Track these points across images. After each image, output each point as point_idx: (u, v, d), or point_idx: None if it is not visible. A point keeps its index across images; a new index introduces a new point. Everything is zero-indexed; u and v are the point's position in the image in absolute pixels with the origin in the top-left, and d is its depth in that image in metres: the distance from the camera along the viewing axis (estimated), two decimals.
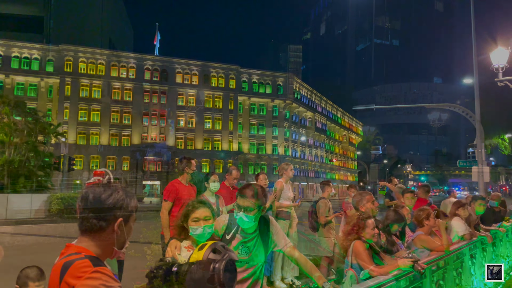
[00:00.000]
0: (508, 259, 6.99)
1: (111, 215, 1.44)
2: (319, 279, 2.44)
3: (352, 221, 3.53)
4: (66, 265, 1.33)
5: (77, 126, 51.99)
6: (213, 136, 58.34)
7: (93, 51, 53.53)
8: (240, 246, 2.62)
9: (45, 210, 18.60)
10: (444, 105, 16.82)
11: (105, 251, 1.46)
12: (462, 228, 5.47)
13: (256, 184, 2.76)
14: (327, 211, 6.62)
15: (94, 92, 53.35)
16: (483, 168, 14.05)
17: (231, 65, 60.62)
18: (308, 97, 74.17)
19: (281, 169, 6.53)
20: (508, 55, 12.49)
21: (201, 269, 1.44)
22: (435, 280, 3.88)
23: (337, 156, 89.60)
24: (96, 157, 52.13)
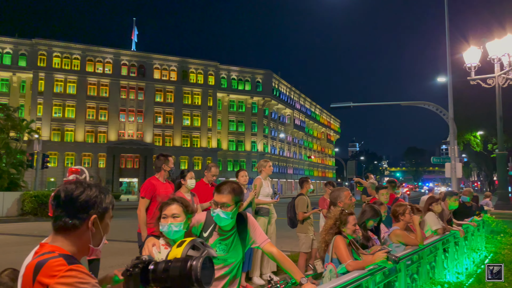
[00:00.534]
0: (479, 253, 7.22)
1: (85, 213, 1.41)
2: (297, 274, 2.46)
3: (335, 215, 3.57)
4: (39, 264, 1.30)
5: (51, 123, 50.68)
6: (192, 133, 57.94)
7: (68, 45, 52.22)
8: (218, 244, 2.61)
9: (18, 208, 18.08)
10: (418, 102, 17.20)
11: (81, 249, 1.43)
12: (435, 223, 5.62)
13: (233, 180, 2.77)
14: (306, 207, 6.68)
15: (68, 88, 52.09)
16: (456, 164, 14.46)
17: (210, 61, 60.24)
18: (287, 94, 74.54)
19: (260, 166, 6.55)
20: (480, 54, 12.87)
21: (179, 267, 1.43)
22: (409, 274, 3.98)
23: (315, 153, 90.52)
24: (71, 154, 50.99)
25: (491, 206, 12.90)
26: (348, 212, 3.55)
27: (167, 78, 57.16)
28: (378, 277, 3.20)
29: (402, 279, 3.65)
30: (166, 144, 55.73)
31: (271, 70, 66.85)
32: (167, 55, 57.71)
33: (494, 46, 12.04)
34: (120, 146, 52.08)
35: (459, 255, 6.13)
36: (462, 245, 6.40)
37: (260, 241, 2.67)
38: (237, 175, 6.18)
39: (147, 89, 55.41)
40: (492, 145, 44.85)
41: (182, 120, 57.45)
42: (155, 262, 1.46)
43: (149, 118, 55.13)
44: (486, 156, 52.45)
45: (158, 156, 5.22)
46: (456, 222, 6.98)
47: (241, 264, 2.72)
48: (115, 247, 10.08)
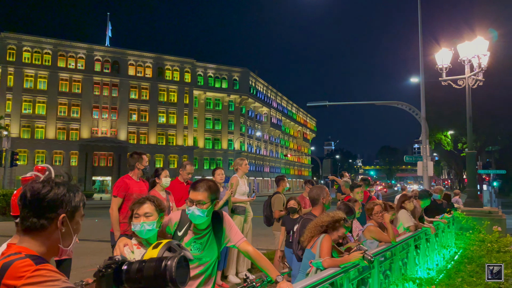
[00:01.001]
0: (449, 249, 7.44)
1: (53, 212, 1.36)
2: (273, 272, 2.46)
3: (333, 217, 3.57)
4: (4, 266, 1.25)
5: (21, 119, 49.05)
6: (168, 130, 57.27)
7: (38, 40, 50.62)
8: (193, 243, 2.59)
9: None
10: (392, 102, 17.56)
11: (50, 250, 1.38)
12: (407, 220, 5.75)
13: (208, 178, 2.75)
14: (282, 206, 6.71)
15: (39, 83, 50.53)
16: (427, 163, 14.84)
17: (186, 58, 59.65)
18: (264, 92, 74.71)
19: (236, 164, 6.53)
20: (451, 56, 13.23)
21: (153, 267, 1.40)
22: (382, 270, 4.05)
23: (292, 151, 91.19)
24: (42, 151, 49.52)
25: (460, 204, 13.31)
26: (346, 226, 3.57)
27: (142, 75, 56.27)
28: (352, 274, 3.25)
29: (375, 276, 3.71)
30: (141, 141, 54.88)
31: (248, 68, 66.85)
32: (142, 51, 56.78)
33: (465, 48, 12.40)
34: (93, 144, 50.95)
35: (430, 251, 6.30)
36: (433, 241, 6.57)
37: (236, 239, 2.66)
38: (214, 174, 6.15)
39: (121, 85, 54.37)
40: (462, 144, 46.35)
41: (157, 118, 56.70)
42: (129, 262, 1.43)
43: (123, 115, 54.14)
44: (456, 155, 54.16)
45: (132, 154, 5.12)
46: (427, 219, 7.16)
47: (217, 263, 2.71)
48: (88, 246, 9.87)
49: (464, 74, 12.59)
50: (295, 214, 5.67)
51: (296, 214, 5.67)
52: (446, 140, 48.93)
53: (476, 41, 12.11)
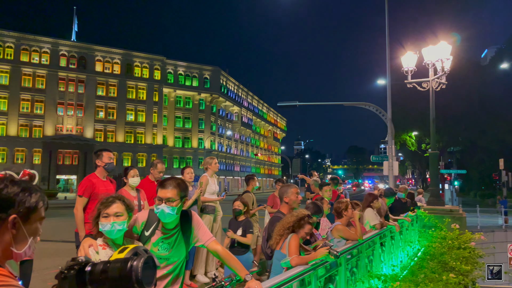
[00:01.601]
0: (413, 246, 7.68)
1: (3, 212, 1.28)
2: (242, 272, 2.46)
3: (298, 216, 3.60)
4: None
5: None
6: (136, 128, 56.16)
7: (0, 33, 48.39)
8: (160, 243, 2.55)
9: None
10: (359, 103, 17.95)
11: (3, 253, 1.31)
12: (373, 218, 5.90)
13: (177, 176, 2.72)
14: (251, 205, 6.72)
15: (0, 78, 48.33)
16: (393, 162, 15.28)
17: (156, 55, 58.67)
18: (235, 91, 74.61)
19: (206, 163, 6.49)
20: (416, 59, 13.66)
21: (118, 268, 1.36)
22: (349, 267, 4.14)
23: (262, 151, 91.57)
24: (3, 149, 47.44)
25: (424, 202, 13.79)
26: (310, 222, 3.61)
27: (110, 71, 54.90)
28: (320, 271, 3.30)
29: (342, 273, 3.79)
30: (108, 139, 53.53)
31: (219, 67, 66.54)
32: (110, 47, 55.37)
33: (429, 52, 12.82)
34: (57, 141, 49.23)
35: (394, 248, 6.48)
36: (397, 239, 6.77)
37: (205, 239, 2.64)
38: (183, 172, 6.08)
39: (88, 81, 52.85)
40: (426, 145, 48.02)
41: (125, 115, 55.48)
42: (93, 263, 1.39)
43: (90, 112, 52.63)
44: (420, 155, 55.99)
45: (95, 152, 4.98)
46: (392, 217, 7.36)
47: (185, 262, 2.68)
48: (51, 247, 9.55)
49: (428, 77, 13.03)
50: (241, 216, 5.29)
51: (241, 216, 5.29)
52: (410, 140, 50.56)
53: (439, 45, 12.56)
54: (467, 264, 6.29)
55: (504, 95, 36.05)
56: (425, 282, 4.55)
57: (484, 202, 40.07)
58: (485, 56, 73.84)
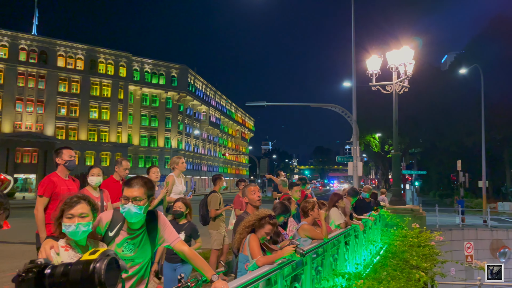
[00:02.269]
0: (376, 244, 7.90)
1: None
2: (208, 272, 2.44)
3: (258, 216, 3.60)
4: None
5: None
6: (100, 126, 54.60)
7: None
8: (125, 243, 2.49)
9: None
10: (326, 105, 18.27)
11: None
12: (338, 218, 6.02)
13: (142, 175, 2.67)
14: (218, 205, 6.70)
15: None
16: (357, 163, 15.66)
17: (121, 51, 57.27)
18: (203, 90, 74.04)
19: (173, 163, 6.40)
20: (381, 63, 14.07)
21: (80, 270, 1.32)
22: (314, 266, 4.20)
23: (230, 151, 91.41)
24: None
25: (386, 202, 14.20)
26: (270, 220, 3.60)
27: (73, 67, 53.07)
28: (286, 270, 3.33)
29: (308, 272, 3.83)
30: (70, 137, 51.73)
31: (187, 66, 65.83)
32: (73, 42, 53.54)
33: (393, 56, 13.24)
34: (15, 139, 47.05)
35: (358, 247, 6.64)
36: (361, 238, 6.93)
37: (171, 239, 2.60)
38: (149, 172, 5.96)
39: (49, 77, 50.85)
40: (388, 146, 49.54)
41: (89, 113, 53.81)
42: (53, 266, 1.34)
43: (51, 109, 50.67)
44: (383, 156, 57.70)
45: (55, 150, 4.79)
46: (356, 216, 7.54)
47: (150, 263, 2.63)
48: (9, 249, 9.14)
49: (392, 81, 13.45)
50: (182, 219, 4.85)
51: (183, 219, 4.85)
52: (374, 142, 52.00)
53: (403, 49, 12.99)
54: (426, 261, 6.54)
55: (462, 99, 37.75)
56: (387, 280, 4.68)
57: (443, 201, 41.85)
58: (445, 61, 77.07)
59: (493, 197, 42.22)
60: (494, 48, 36.28)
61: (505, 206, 32.42)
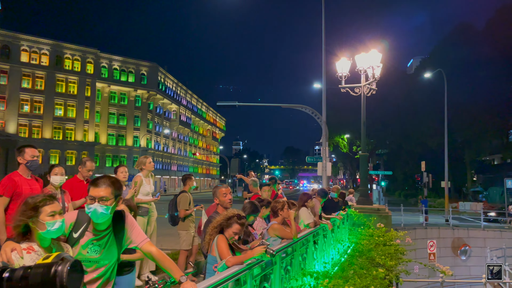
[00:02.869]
0: (343, 244, 8.04)
1: None
2: (176, 273, 2.41)
3: (225, 216, 3.59)
4: None
5: None
6: (65, 124, 52.87)
7: None
8: (90, 245, 2.42)
9: None
10: (296, 106, 18.45)
11: None
12: (308, 217, 6.09)
13: (110, 175, 2.61)
14: (188, 205, 6.63)
15: None
16: (326, 163, 15.90)
17: (89, 47, 55.68)
18: (173, 89, 73.10)
19: (140, 163, 6.28)
20: (350, 65, 14.35)
21: (40, 273, 1.27)
22: (284, 265, 4.23)
23: (201, 150, 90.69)
24: None
25: (354, 202, 14.51)
26: (238, 220, 3.60)
27: (37, 62, 51.14)
28: (255, 270, 3.33)
29: (277, 271, 3.86)
30: (34, 135, 49.82)
31: (157, 63, 64.80)
32: (38, 36, 51.58)
33: (361, 59, 13.55)
34: None
35: (326, 246, 6.74)
36: (329, 237, 7.04)
37: (139, 241, 2.55)
38: (116, 171, 5.82)
39: (11, 73, 48.76)
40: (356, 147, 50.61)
41: (54, 110, 51.99)
42: (11, 269, 1.28)
43: (13, 105, 48.61)
44: (351, 157, 58.89)
45: (17, 149, 4.60)
46: (324, 216, 7.66)
47: (116, 265, 2.56)
48: None
49: (360, 83, 13.74)
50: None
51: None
52: (343, 143, 52.99)
53: (371, 53, 13.31)
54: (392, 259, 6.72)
55: (427, 102, 39.06)
56: (354, 278, 4.78)
57: (408, 201, 43.16)
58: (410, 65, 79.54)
59: (454, 197, 43.94)
60: (457, 54, 37.76)
61: (466, 205, 33.83)
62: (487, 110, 36.73)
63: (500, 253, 17.44)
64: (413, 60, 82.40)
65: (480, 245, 20.09)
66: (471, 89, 36.62)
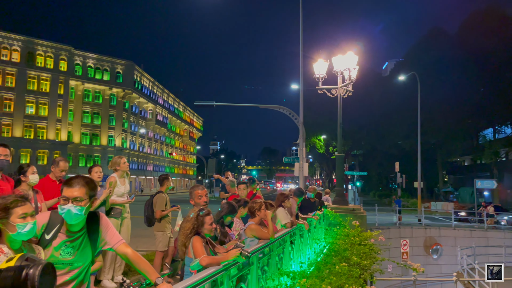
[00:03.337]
0: (319, 243, 8.13)
1: None
2: (152, 275, 2.38)
3: (193, 219, 3.57)
4: None
5: None
6: (37, 123, 51.36)
7: None
8: (63, 246, 2.35)
9: None
10: (274, 106, 18.53)
11: None
12: (285, 217, 6.13)
13: (84, 175, 2.55)
14: (164, 205, 6.55)
15: None
16: (303, 164, 16.03)
17: (62, 44, 54.28)
18: (149, 88, 72.11)
19: (114, 164, 6.15)
20: (327, 67, 14.52)
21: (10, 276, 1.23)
22: (260, 266, 4.23)
23: (177, 150, 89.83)
24: None
25: (330, 202, 14.69)
26: (204, 214, 3.60)
27: (8, 59, 49.46)
28: (232, 271, 3.33)
29: (254, 272, 3.86)
30: (4, 134, 48.16)
31: (133, 62, 63.79)
32: (8, 32, 49.88)
33: (338, 61, 13.73)
34: None
35: (303, 246, 6.79)
36: (306, 236, 7.10)
37: (114, 242, 2.50)
38: (90, 171, 5.69)
39: None
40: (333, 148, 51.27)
41: (25, 108, 50.40)
42: None
43: None
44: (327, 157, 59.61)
45: None
46: (301, 216, 7.72)
47: (90, 267, 2.51)
48: None
49: (337, 85, 13.93)
50: None
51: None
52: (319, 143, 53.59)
53: (347, 55, 13.51)
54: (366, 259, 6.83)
55: (401, 104, 39.98)
56: (330, 277, 4.83)
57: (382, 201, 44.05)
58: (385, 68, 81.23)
59: (427, 197, 45.14)
60: (430, 57, 38.81)
61: (437, 205, 34.82)
62: (458, 112, 37.91)
63: (470, 252, 18.00)
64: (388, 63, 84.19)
65: (451, 244, 20.69)
66: (443, 92, 37.71)
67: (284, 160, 20.49)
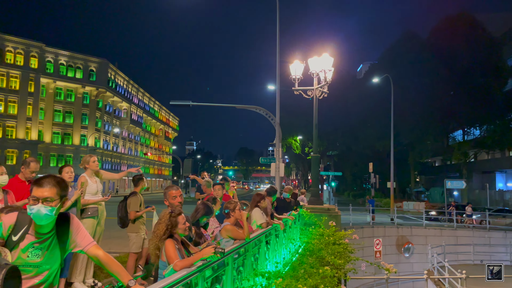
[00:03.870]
0: (295, 243, 8.18)
1: None
2: (124, 277, 2.33)
3: (165, 220, 3.51)
4: None
5: None
6: (6, 121, 49.60)
7: None
8: (31, 248, 2.27)
9: None
10: (251, 107, 18.55)
11: None
12: (260, 218, 6.14)
13: (55, 174, 2.47)
14: (139, 206, 6.45)
15: None
16: (279, 164, 16.12)
17: (33, 41, 52.62)
18: (124, 87, 70.85)
19: (84, 162, 6.02)
20: (303, 68, 14.64)
21: None
22: (236, 266, 4.22)
23: (152, 150, 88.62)
24: None
25: (305, 202, 14.81)
26: (176, 213, 3.55)
27: None
28: (207, 272, 3.30)
29: (229, 272, 3.84)
30: None
31: (107, 60, 62.51)
32: None
33: (314, 62, 13.86)
34: None
35: (278, 246, 6.82)
36: (281, 237, 7.13)
37: (84, 244, 2.43)
38: (61, 171, 5.54)
39: None
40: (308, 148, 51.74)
41: None
42: None
43: None
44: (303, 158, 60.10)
45: None
46: (276, 216, 7.74)
47: (59, 270, 2.43)
48: None
49: (313, 86, 14.06)
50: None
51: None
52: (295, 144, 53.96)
53: (323, 57, 13.65)
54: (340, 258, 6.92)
55: (375, 106, 40.74)
56: (305, 277, 4.87)
57: (356, 201, 44.82)
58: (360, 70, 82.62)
59: (399, 197, 46.22)
60: (403, 60, 39.72)
61: (409, 205, 35.68)
62: (429, 114, 38.98)
63: (440, 250, 18.52)
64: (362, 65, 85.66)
65: (422, 243, 21.24)
66: (416, 94, 38.69)
67: (260, 161, 20.54)
